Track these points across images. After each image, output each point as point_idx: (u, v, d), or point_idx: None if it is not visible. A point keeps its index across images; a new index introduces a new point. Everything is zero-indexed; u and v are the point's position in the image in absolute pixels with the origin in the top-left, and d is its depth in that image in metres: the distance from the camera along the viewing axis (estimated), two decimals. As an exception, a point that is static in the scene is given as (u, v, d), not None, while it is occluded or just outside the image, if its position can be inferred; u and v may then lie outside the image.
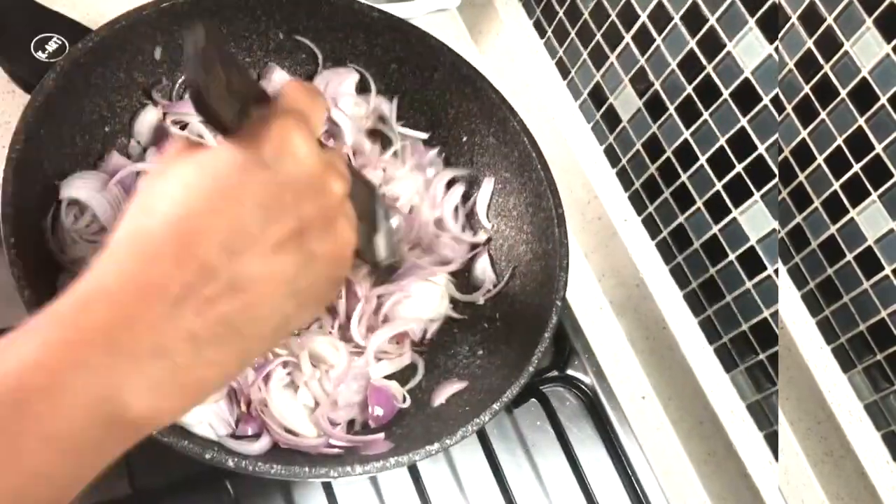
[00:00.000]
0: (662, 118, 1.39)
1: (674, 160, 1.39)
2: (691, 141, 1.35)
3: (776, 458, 1.34)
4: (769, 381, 1.31)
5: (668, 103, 1.38)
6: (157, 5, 1.22)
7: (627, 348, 1.54)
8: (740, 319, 1.34)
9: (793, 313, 1.42)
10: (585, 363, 1.43)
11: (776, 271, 1.26)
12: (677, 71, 1.35)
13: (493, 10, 1.72)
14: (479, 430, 1.10)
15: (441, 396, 1.23)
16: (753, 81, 1.23)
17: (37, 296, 0.98)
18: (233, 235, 0.67)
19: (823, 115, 1.30)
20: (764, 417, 1.35)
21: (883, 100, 1.21)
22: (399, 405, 1.22)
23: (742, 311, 1.34)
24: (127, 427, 0.64)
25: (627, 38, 1.43)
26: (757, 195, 1.26)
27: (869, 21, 1.20)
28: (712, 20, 1.27)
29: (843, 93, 1.26)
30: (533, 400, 1.37)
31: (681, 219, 1.40)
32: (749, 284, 1.31)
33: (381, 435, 1.16)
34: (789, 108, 1.35)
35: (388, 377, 1.26)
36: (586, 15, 1.51)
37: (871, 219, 1.27)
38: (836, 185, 1.31)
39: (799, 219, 1.38)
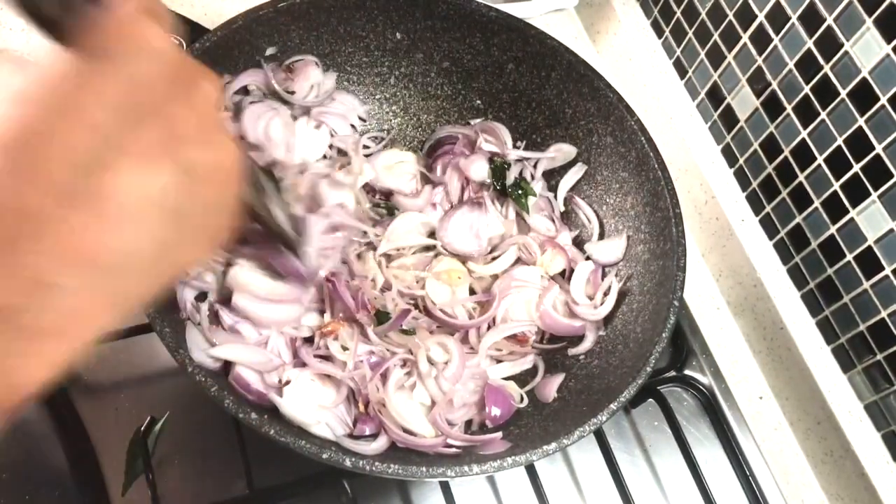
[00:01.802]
0: (780, 118, 1.39)
1: (791, 160, 1.38)
2: (809, 141, 1.34)
3: (895, 458, 1.33)
4: (887, 381, 1.30)
5: (785, 103, 1.37)
6: (274, 5, 1.25)
7: (745, 348, 1.54)
8: (858, 320, 1.34)
9: (793, 313, 1.42)
10: (703, 363, 1.43)
11: (895, 271, 1.26)
12: (795, 70, 1.34)
13: (610, 9, 1.72)
14: (597, 429, 1.10)
15: (550, 391, 1.24)
16: (871, 81, 1.22)
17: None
18: (87, 146, 0.54)
19: (823, 115, 1.30)
20: (882, 417, 1.34)
21: (883, 100, 1.21)
22: (517, 405, 1.22)
23: (860, 312, 1.33)
24: None
25: (745, 37, 1.43)
26: (874, 195, 1.25)
27: (869, 21, 1.20)
28: (830, 20, 1.26)
29: (844, 93, 1.27)
30: (650, 400, 1.37)
31: (798, 219, 1.40)
32: (867, 284, 1.30)
33: (499, 434, 1.16)
34: (789, 108, 1.35)
35: (509, 378, 1.27)
36: (704, 15, 1.51)
37: (871, 219, 1.27)
38: (836, 185, 1.31)
39: (799, 219, 1.39)
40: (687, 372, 1.43)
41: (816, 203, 1.35)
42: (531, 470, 1.23)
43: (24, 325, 0.52)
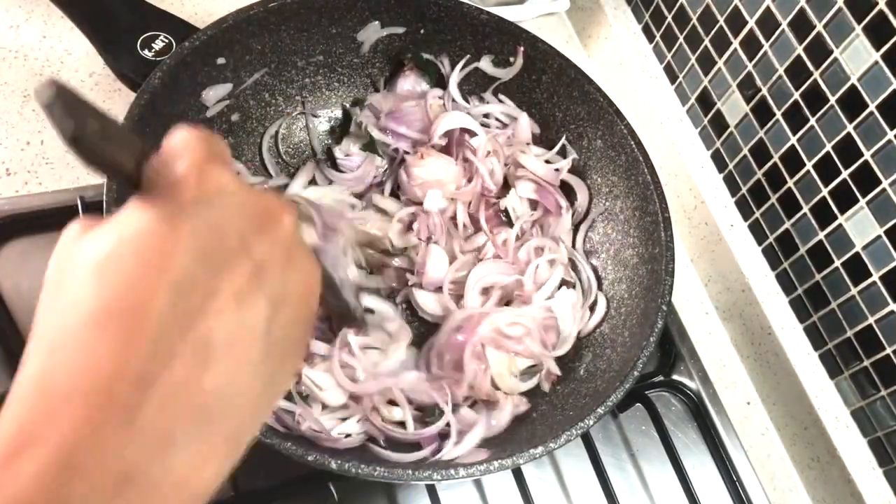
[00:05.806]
0: (769, 124, 1.39)
1: (780, 166, 1.39)
2: (798, 147, 1.34)
3: (880, 464, 1.33)
4: (873, 387, 1.31)
5: (775, 109, 1.37)
6: (264, 4, 1.24)
7: (733, 353, 1.54)
8: (845, 326, 1.34)
9: (780, 319, 1.42)
10: (691, 368, 1.43)
11: (882, 278, 1.26)
12: (784, 77, 1.34)
13: (601, 14, 1.72)
14: (584, 434, 1.11)
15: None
16: (860, 88, 1.22)
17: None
18: (182, 297, 0.54)
19: (812, 121, 1.30)
20: (868, 423, 1.34)
21: (871, 107, 1.21)
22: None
23: (847, 318, 1.33)
24: None
25: (735, 43, 1.43)
26: (863, 201, 1.25)
27: (858, 28, 1.21)
28: (819, 27, 1.26)
29: (833, 99, 1.27)
30: (638, 405, 1.37)
31: (787, 224, 1.40)
32: (854, 291, 1.31)
33: (477, 443, 1.16)
34: (778, 115, 1.35)
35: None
36: (695, 20, 1.51)
37: (859, 225, 1.28)
38: (825, 192, 1.31)
39: (787, 224, 1.39)
40: (675, 377, 1.43)
41: (805, 209, 1.36)
42: (518, 473, 1.22)
43: (155, 479, 0.52)
